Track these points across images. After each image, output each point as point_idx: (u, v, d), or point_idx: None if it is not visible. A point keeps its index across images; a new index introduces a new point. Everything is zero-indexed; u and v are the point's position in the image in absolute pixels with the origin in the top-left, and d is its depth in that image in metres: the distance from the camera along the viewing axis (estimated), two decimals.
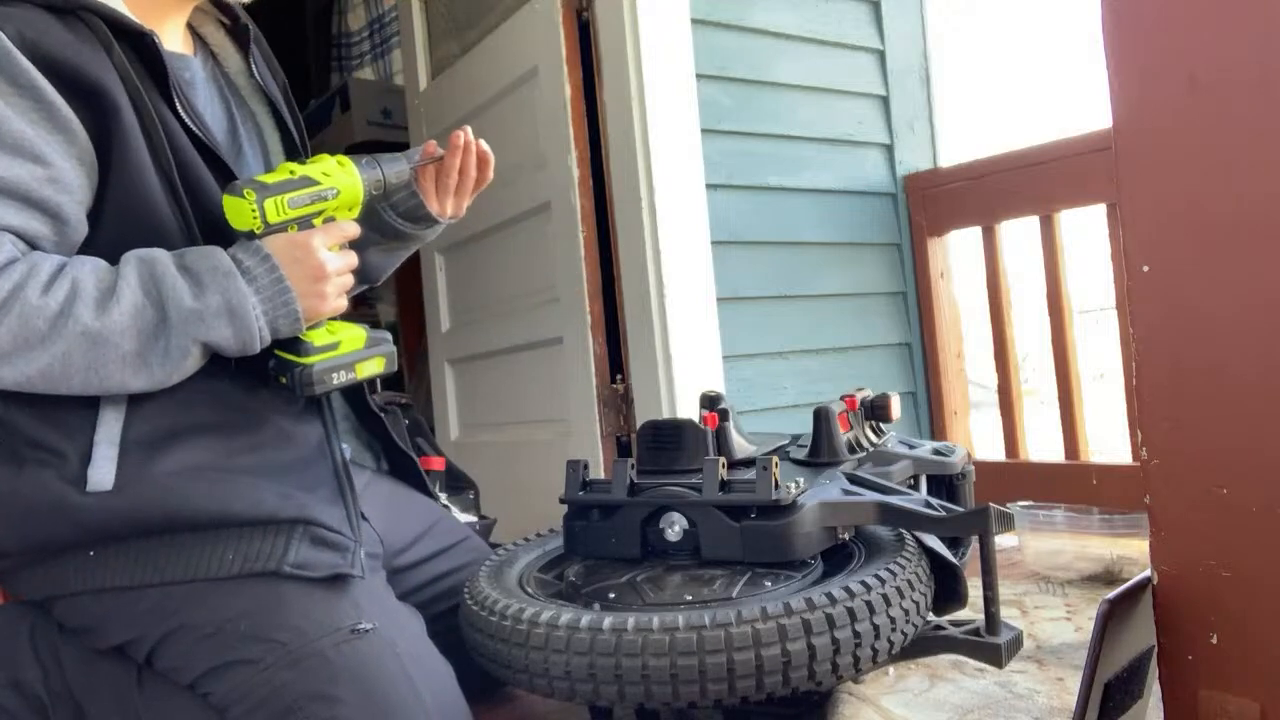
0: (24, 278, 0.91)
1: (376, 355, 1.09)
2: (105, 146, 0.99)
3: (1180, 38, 0.81)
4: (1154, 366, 0.83)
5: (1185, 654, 0.82)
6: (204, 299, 0.97)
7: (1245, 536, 0.78)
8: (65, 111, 0.96)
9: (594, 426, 2.10)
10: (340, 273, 1.07)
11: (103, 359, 0.93)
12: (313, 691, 0.97)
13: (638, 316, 2.09)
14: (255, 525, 1.02)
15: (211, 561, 1.01)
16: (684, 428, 1.20)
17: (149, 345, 0.95)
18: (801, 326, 2.35)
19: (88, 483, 0.99)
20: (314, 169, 1.07)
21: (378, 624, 1.01)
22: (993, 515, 1.03)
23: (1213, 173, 0.80)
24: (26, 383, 0.92)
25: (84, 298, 0.93)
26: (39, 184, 0.94)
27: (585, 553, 1.19)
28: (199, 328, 0.97)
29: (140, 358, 0.95)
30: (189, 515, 1.00)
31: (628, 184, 2.08)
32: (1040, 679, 1.23)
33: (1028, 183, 2.29)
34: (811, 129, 2.41)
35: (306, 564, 1.02)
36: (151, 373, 0.96)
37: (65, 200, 0.97)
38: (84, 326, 0.91)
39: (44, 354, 0.91)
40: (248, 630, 0.99)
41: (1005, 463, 2.36)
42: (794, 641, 0.93)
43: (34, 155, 0.94)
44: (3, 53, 0.92)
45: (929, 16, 2.65)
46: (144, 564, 1.01)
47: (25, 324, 0.90)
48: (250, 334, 1.00)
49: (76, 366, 0.93)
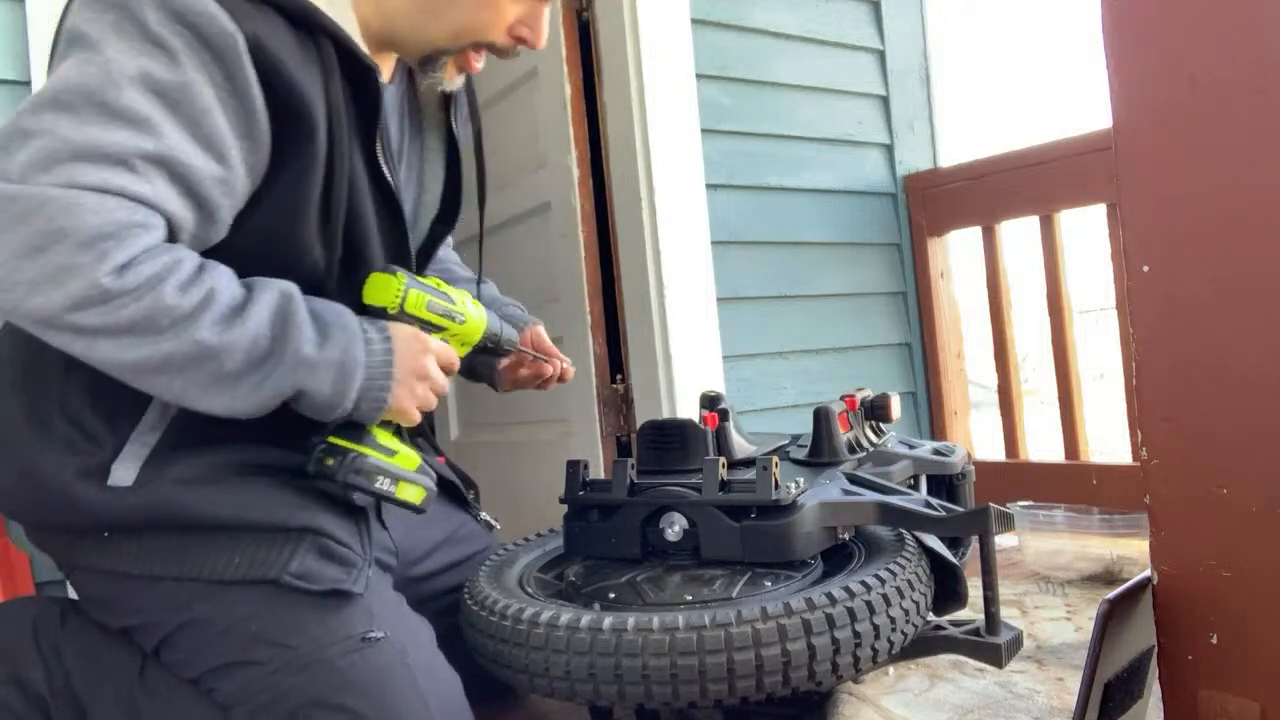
0: (166, 270, 0.88)
1: (419, 485, 1.06)
2: (279, 163, 0.97)
3: (1180, 38, 0.81)
4: (1154, 366, 0.83)
5: (1185, 654, 0.82)
6: (323, 351, 0.96)
7: (1245, 536, 0.78)
8: (263, 124, 0.95)
9: (594, 426, 2.10)
10: (434, 387, 1.06)
11: (199, 371, 0.90)
12: (319, 699, 0.97)
13: (638, 316, 2.09)
14: (265, 531, 1.01)
15: (219, 563, 1.00)
16: (684, 428, 1.20)
17: (248, 373, 0.92)
18: (801, 326, 2.35)
19: (109, 476, 0.98)
20: (455, 293, 1.12)
21: (388, 632, 1.01)
22: (993, 515, 1.03)
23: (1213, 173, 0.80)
24: (113, 364, 0.88)
25: (214, 310, 0.90)
26: (212, 182, 0.93)
27: (585, 553, 1.19)
28: (306, 375, 0.95)
29: (235, 381, 0.92)
30: (203, 517, 1.00)
31: (628, 184, 2.08)
32: (1040, 679, 1.23)
33: (1028, 183, 2.29)
34: (811, 129, 2.41)
35: (308, 575, 1.00)
36: (234, 398, 0.93)
37: (225, 205, 0.96)
38: (200, 337, 0.89)
39: (150, 348, 0.88)
40: (258, 631, 0.99)
41: (1005, 463, 2.36)
42: (794, 641, 0.93)
43: (220, 154, 0.93)
44: (234, 53, 0.91)
45: (929, 16, 2.65)
46: (153, 556, 1.01)
47: (151, 315, 0.87)
48: (344, 397, 0.98)
49: (170, 368, 0.89)
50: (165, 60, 0.88)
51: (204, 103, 0.90)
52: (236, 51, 0.91)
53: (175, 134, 0.89)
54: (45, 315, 0.84)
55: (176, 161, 0.89)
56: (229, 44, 0.90)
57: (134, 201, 0.86)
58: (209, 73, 0.90)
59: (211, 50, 0.90)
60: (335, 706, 0.96)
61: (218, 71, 0.91)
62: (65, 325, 0.85)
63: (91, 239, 0.83)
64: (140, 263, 0.86)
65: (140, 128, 0.87)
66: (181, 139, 0.89)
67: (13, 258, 0.82)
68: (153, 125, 0.87)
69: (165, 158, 0.88)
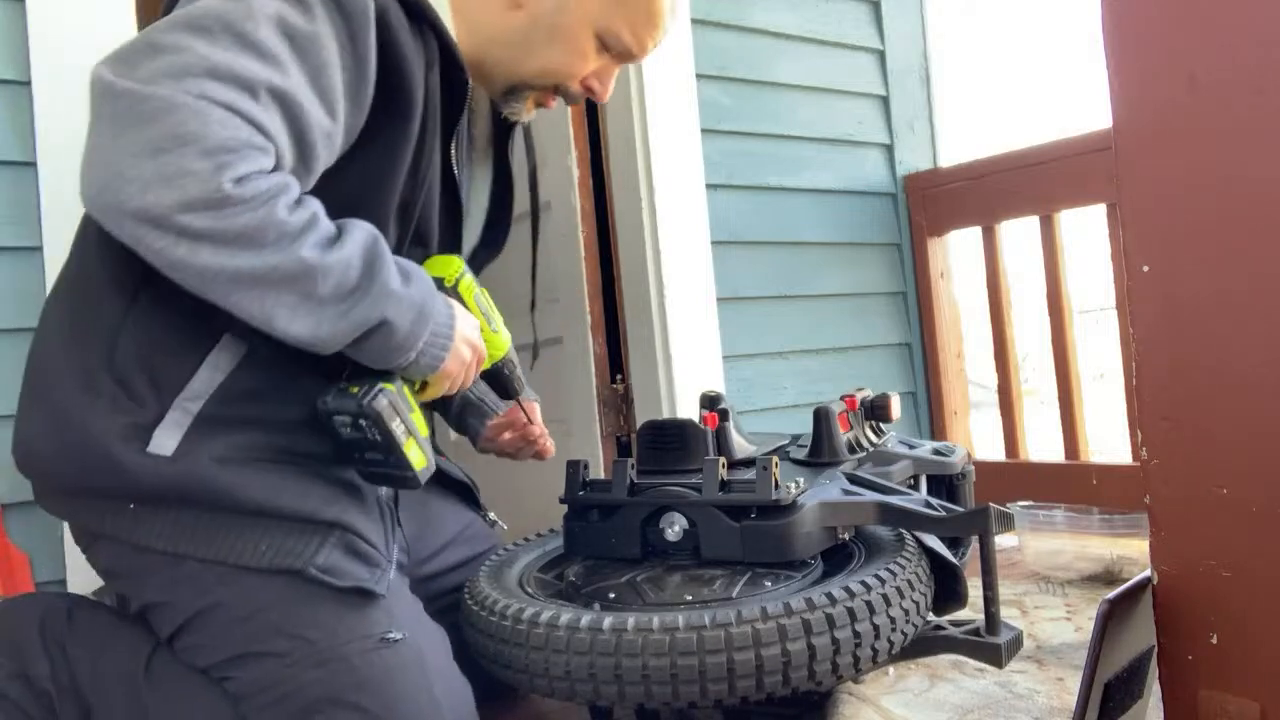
0: (278, 188, 0.90)
1: (425, 453, 1.05)
2: (372, 133, 1.01)
3: (1180, 38, 0.81)
4: (1154, 366, 0.83)
5: (1185, 654, 0.82)
6: (407, 288, 0.98)
7: (1245, 536, 0.78)
8: (369, 92, 0.99)
9: (594, 426, 2.10)
10: (472, 368, 1.10)
11: (292, 290, 0.91)
12: (334, 696, 0.97)
13: (638, 316, 2.09)
14: (295, 521, 1.01)
15: (245, 548, 1.00)
16: (684, 428, 1.20)
17: (336, 301, 0.93)
18: (801, 326, 2.34)
19: (150, 442, 0.98)
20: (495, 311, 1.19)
21: (407, 635, 1.02)
22: (992, 515, 1.03)
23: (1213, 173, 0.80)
24: (212, 272, 0.88)
25: (317, 232, 0.92)
26: (319, 131, 0.95)
27: (585, 553, 1.19)
28: (392, 306, 0.96)
29: (322, 305, 0.93)
30: (236, 499, 1.00)
31: (628, 184, 2.08)
32: (1040, 679, 1.23)
33: (1028, 183, 2.29)
34: (811, 129, 2.41)
35: (333, 570, 1.01)
36: (319, 322, 0.93)
37: (322, 157, 0.98)
38: (303, 255, 0.90)
39: (254, 258, 0.89)
40: (279, 622, 0.99)
41: (1005, 463, 2.36)
42: (794, 641, 0.93)
43: (331, 108, 0.96)
44: (364, 19, 0.96)
45: (929, 16, 2.65)
46: (182, 534, 1.01)
47: (261, 227, 0.88)
48: (417, 339, 0.99)
49: (266, 283, 0.90)
50: (301, 10, 0.94)
51: (327, 57, 0.94)
52: (366, 18, 0.96)
53: (299, 78, 0.92)
54: (156, 214, 0.84)
55: (295, 103, 0.92)
56: (361, 10, 0.96)
57: (255, 126, 0.89)
58: (337, 30, 0.95)
59: (343, 12, 0.95)
60: (350, 705, 0.97)
61: (344, 32, 0.96)
62: (173, 225, 0.85)
63: (215, 149, 0.85)
64: (256, 178, 0.88)
65: (270, 63, 0.90)
66: (303, 84, 0.93)
67: (131, 155, 0.84)
68: (281, 64, 0.91)
69: (287, 97, 0.91)
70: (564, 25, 1.12)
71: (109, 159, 0.85)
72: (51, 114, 1.47)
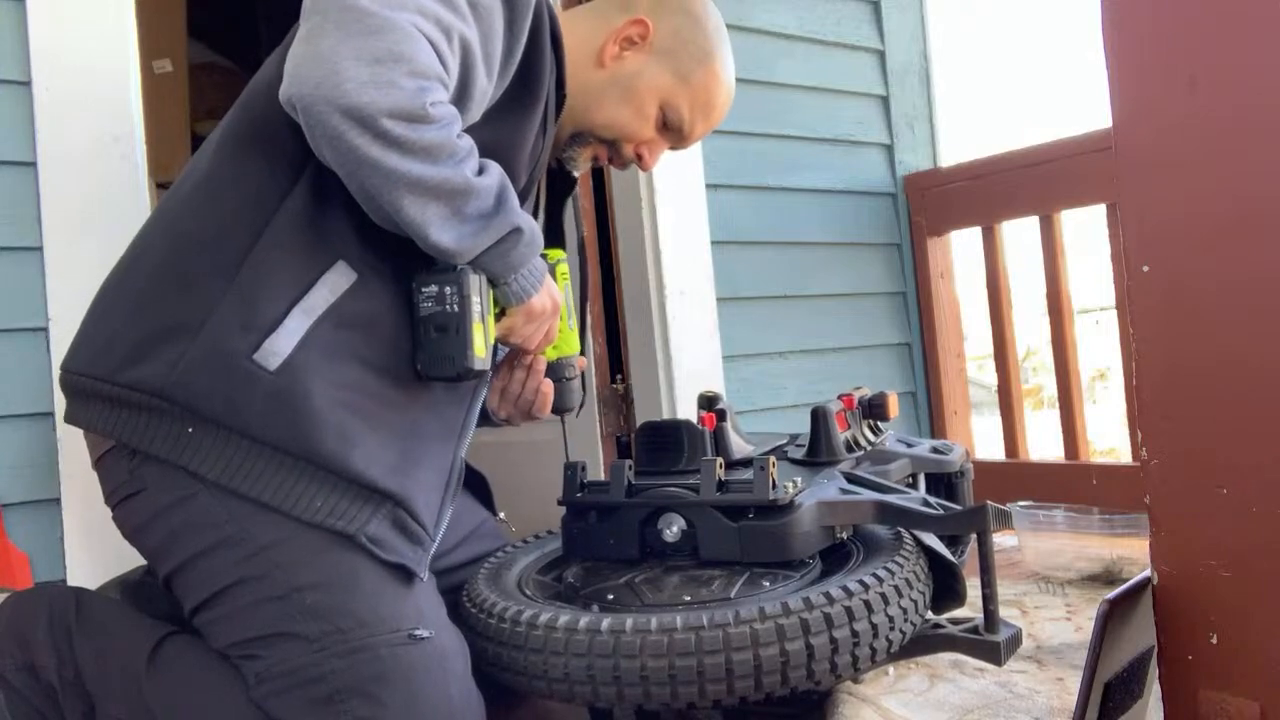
0: (455, 117, 1.02)
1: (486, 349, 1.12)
2: (506, 108, 1.14)
3: (1180, 38, 0.81)
4: (1154, 366, 0.83)
5: (1185, 654, 0.82)
6: (525, 220, 1.10)
7: (1245, 536, 0.78)
8: (510, 74, 1.13)
9: (594, 426, 2.10)
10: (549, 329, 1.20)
11: (450, 203, 1.02)
12: (357, 687, 0.98)
13: (638, 316, 2.09)
14: (355, 484, 1.03)
15: (301, 500, 1.01)
16: (681, 428, 1.20)
17: (477, 220, 1.05)
18: (802, 326, 2.34)
19: (260, 348, 1.01)
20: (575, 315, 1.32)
21: (434, 634, 1.02)
22: (990, 513, 1.03)
23: (1213, 173, 0.79)
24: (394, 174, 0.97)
25: (473, 160, 1.04)
26: (479, 88, 1.08)
27: (584, 554, 1.19)
28: (521, 221, 1.08)
29: (465, 221, 1.04)
30: (310, 440, 1.01)
31: (628, 184, 2.08)
32: (1040, 679, 1.22)
33: (1028, 183, 2.29)
34: (811, 129, 2.41)
35: (380, 542, 1.03)
36: (461, 234, 1.04)
37: (472, 113, 1.09)
38: (466, 175, 1.02)
39: (431, 170, 0.99)
40: (313, 605, 1.00)
41: (1005, 463, 2.36)
42: (792, 641, 0.93)
43: (490, 70, 1.09)
44: (525, 10, 1.11)
45: (929, 16, 2.65)
46: (237, 465, 1.01)
47: (441, 146, 0.99)
48: (528, 259, 1.11)
49: (432, 193, 1.00)
50: None
51: (497, 26, 1.08)
52: (528, 10, 1.11)
53: (476, 36, 1.05)
54: (366, 113, 0.94)
55: (473, 55, 1.05)
56: (525, 2, 1.11)
57: (444, 65, 1.01)
58: (504, 11, 1.09)
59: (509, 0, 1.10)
60: (371, 696, 0.98)
61: (509, 14, 1.09)
62: (376, 127, 0.95)
63: (421, 72, 0.96)
64: (443, 105, 1.00)
65: (460, 16, 1.03)
66: (478, 42, 1.06)
67: (352, 59, 0.94)
68: (467, 19, 1.04)
69: (470, 49, 1.04)
70: (637, 89, 1.28)
71: (331, 59, 0.94)
72: (51, 114, 1.48)
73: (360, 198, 1.01)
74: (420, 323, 1.08)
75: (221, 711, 1.02)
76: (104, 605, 1.13)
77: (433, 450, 1.12)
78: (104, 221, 1.48)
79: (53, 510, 1.45)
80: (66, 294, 1.45)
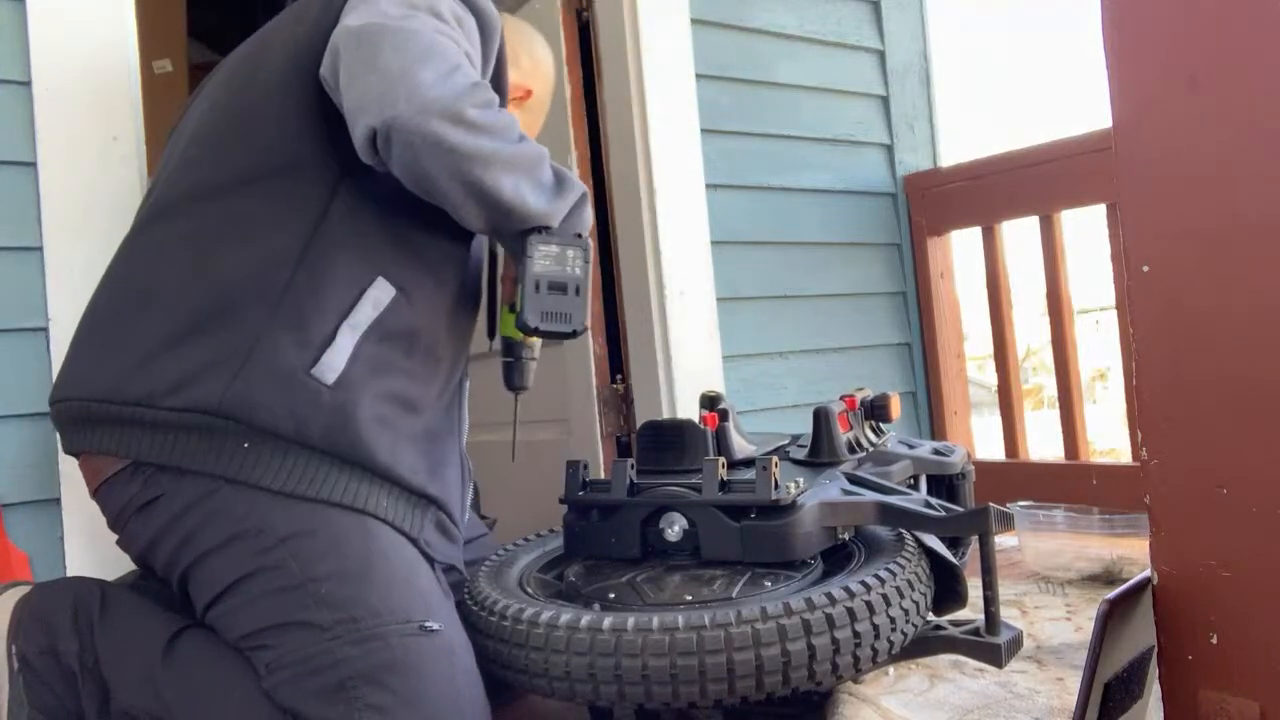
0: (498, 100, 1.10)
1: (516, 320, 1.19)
2: None
3: (1180, 38, 0.81)
4: (1154, 366, 0.83)
5: (1185, 654, 0.82)
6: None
7: (1245, 536, 0.78)
8: None
9: (594, 426, 2.10)
10: None
11: (530, 173, 1.09)
12: (369, 674, 0.99)
13: (638, 316, 2.09)
14: (406, 490, 1.10)
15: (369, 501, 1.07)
16: (684, 428, 1.20)
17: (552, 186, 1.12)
18: (801, 326, 2.34)
19: (317, 364, 1.05)
20: None
21: (443, 628, 1.04)
22: (992, 515, 1.03)
23: (1212, 173, 0.80)
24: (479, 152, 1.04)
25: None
26: None
27: (585, 553, 1.19)
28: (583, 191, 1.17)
29: (544, 188, 1.11)
30: (363, 453, 1.06)
31: (628, 184, 2.08)
32: (1040, 679, 1.22)
33: (1028, 183, 2.29)
34: (811, 129, 2.41)
35: (432, 545, 1.12)
36: (543, 199, 1.10)
37: None
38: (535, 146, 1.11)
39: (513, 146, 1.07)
40: (328, 594, 1.02)
41: (1005, 463, 2.36)
42: (794, 641, 0.93)
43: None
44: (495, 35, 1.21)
45: (929, 16, 2.65)
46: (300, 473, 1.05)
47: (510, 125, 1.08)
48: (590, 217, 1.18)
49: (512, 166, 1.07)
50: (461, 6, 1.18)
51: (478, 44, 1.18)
52: (496, 33, 1.21)
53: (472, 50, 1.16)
54: (447, 103, 1.02)
55: (474, 64, 1.15)
56: (496, 29, 1.21)
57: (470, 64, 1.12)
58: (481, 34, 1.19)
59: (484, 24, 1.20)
60: (381, 684, 0.99)
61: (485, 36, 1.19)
62: (465, 118, 1.03)
63: (467, 68, 1.08)
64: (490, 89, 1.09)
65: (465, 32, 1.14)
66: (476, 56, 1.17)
67: (421, 67, 1.03)
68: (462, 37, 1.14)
69: (472, 58, 1.14)
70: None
71: (405, 76, 1.02)
72: (51, 114, 1.48)
73: (455, 197, 1.06)
74: (533, 278, 1.11)
75: (233, 702, 1.03)
76: (126, 597, 1.15)
77: (447, 447, 1.18)
78: (104, 221, 1.48)
79: (53, 510, 1.45)
80: (66, 294, 1.45)
